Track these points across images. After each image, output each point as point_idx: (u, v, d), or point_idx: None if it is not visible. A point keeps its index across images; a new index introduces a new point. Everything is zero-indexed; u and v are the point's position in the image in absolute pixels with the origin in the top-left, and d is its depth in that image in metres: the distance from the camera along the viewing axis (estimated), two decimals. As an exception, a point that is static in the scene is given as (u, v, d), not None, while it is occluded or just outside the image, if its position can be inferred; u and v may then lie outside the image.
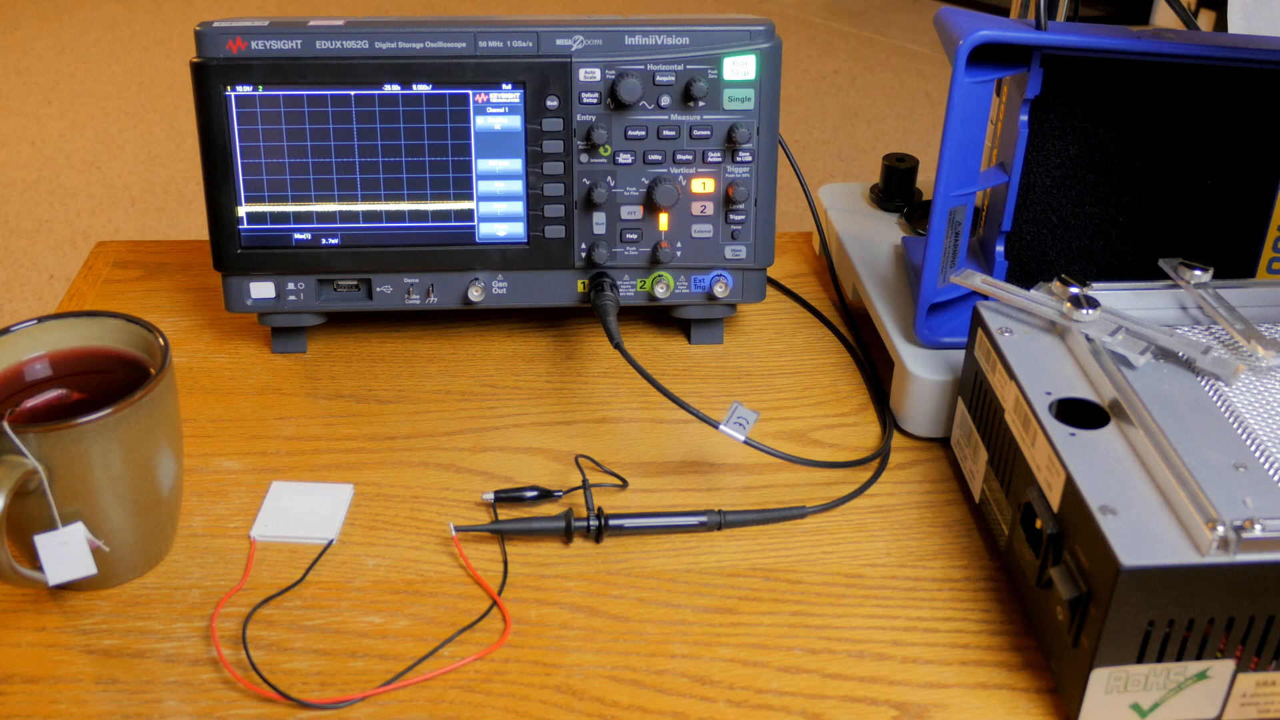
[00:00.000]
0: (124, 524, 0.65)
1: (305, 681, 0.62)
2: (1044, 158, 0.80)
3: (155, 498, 0.66)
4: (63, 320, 0.67)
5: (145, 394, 0.61)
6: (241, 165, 0.80)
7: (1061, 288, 0.71)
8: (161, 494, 0.66)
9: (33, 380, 0.67)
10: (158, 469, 0.65)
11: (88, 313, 0.68)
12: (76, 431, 0.59)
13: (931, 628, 0.66)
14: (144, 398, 0.61)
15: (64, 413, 0.62)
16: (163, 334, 0.66)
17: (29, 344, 0.67)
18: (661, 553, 0.70)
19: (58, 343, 0.67)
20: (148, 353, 0.67)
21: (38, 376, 0.67)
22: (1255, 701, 0.59)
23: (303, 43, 0.78)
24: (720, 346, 0.89)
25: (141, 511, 0.65)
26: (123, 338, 0.68)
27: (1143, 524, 0.57)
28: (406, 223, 0.82)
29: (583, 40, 0.79)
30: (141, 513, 0.65)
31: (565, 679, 0.62)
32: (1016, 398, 0.66)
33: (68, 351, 0.67)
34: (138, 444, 0.62)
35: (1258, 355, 0.68)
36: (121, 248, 0.99)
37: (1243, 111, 0.78)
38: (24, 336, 0.67)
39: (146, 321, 0.67)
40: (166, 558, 0.69)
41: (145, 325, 0.67)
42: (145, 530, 0.66)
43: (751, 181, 0.83)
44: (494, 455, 0.78)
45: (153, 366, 0.66)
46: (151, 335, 0.66)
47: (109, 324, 0.68)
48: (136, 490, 0.64)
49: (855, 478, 0.77)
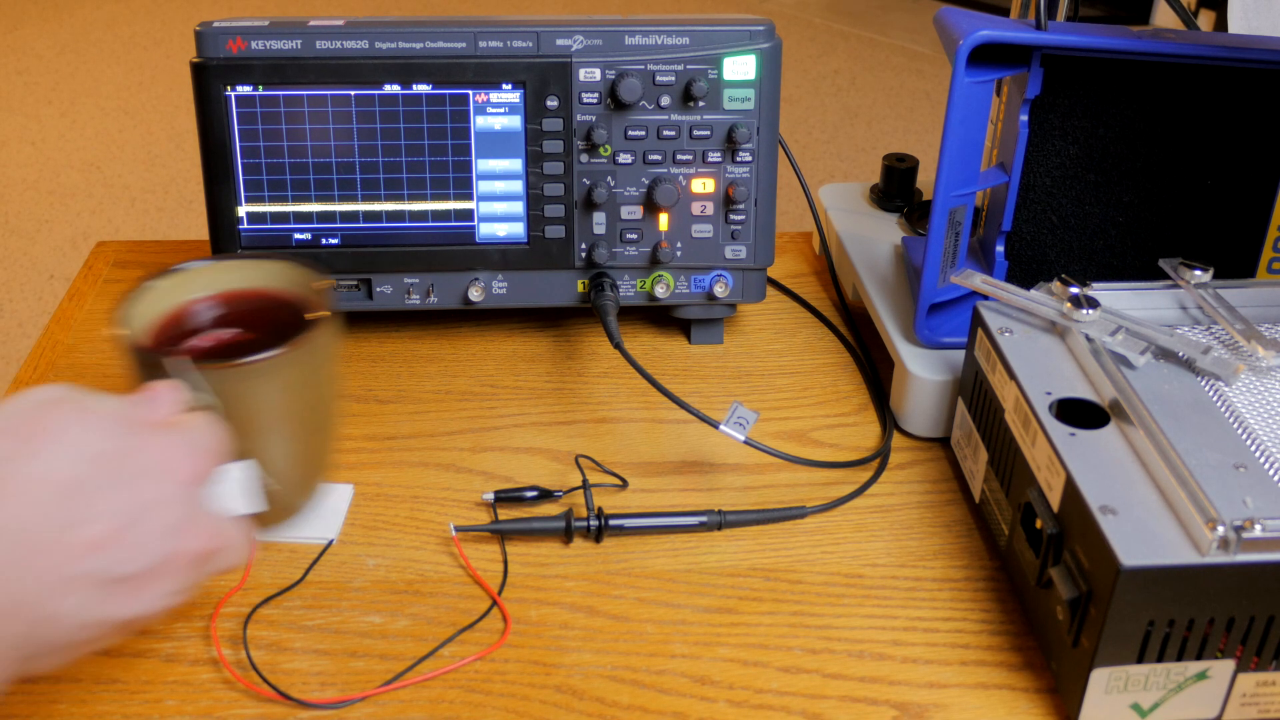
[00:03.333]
0: (287, 464, 0.64)
1: (305, 681, 0.62)
2: (1044, 158, 0.80)
3: (315, 441, 0.66)
4: (232, 261, 0.68)
5: (311, 335, 0.62)
6: (241, 165, 0.80)
7: (1061, 288, 0.71)
8: (321, 439, 0.66)
9: (201, 319, 0.67)
10: (318, 413, 0.65)
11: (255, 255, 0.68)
12: (251, 369, 0.60)
13: (931, 628, 0.66)
14: (312, 338, 0.62)
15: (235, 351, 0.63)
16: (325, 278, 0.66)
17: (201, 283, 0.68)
18: (661, 553, 0.70)
19: (227, 283, 0.68)
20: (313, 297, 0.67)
21: (206, 316, 0.68)
22: (1255, 701, 0.59)
23: (303, 43, 0.78)
24: (720, 346, 0.89)
25: (302, 453, 0.65)
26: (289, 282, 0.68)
27: (1143, 524, 0.57)
28: (406, 223, 0.82)
29: (583, 40, 0.79)
30: (302, 454, 0.65)
31: (565, 679, 0.62)
32: (1016, 398, 0.66)
33: (236, 292, 0.68)
34: (304, 385, 0.63)
35: (1258, 355, 0.68)
36: (121, 248, 0.99)
37: (1243, 111, 0.78)
38: (195, 275, 0.67)
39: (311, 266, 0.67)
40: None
41: (309, 271, 0.67)
42: (304, 473, 0.66)
43: (751, 181, 0.83)
44: (494, 455, 0.78)
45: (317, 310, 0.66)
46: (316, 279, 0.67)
47: (275, 267, 0.68)
48: (300, 431, 0.64)
49: (855, 478, 0.77)
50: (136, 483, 0.49)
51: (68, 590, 0.47)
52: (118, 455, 0.49)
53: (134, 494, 0.49)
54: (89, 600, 0.48)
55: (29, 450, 0.48)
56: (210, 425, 0.55)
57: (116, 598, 0.48)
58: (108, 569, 0.48)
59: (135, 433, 0.51)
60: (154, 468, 0.50)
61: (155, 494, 0.50)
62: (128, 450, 0.50)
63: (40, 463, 0.48)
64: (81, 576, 0.47)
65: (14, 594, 0.46)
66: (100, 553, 0.48)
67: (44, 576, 0.46)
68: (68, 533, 0.47)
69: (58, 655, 0.48)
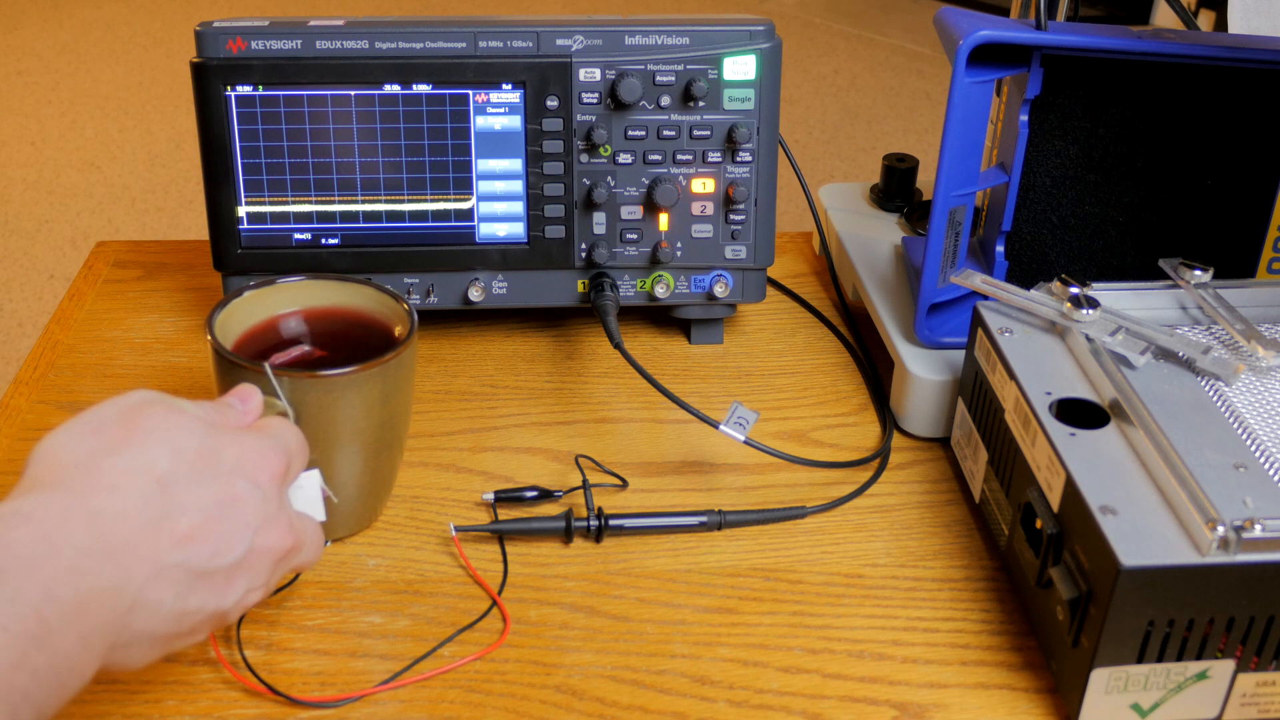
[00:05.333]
0: (352, 479, 0.67)
1: (305, 681, 0.62)
2: (1044, 158, 0.80)
3: (383, 461, 0.69)
4: (319, 281, 0.72)
5: (394, 357, 0.65)
6: (241, 165, 0.80)
7: (1061, 288, 0.71)
8: (389, 457, 0.69)
9: (287, 333, 0.71)
10: (390, 432, 0.68)
11: (343, 276, 0.72)
12: (328, 382, 0.63)
13: (931, 628, 0.66)
14: (392, 360, 0.65)
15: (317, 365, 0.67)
16: (410, 303, 0.69)
17: (289, 297, 0.71)
18: (661, 553, 0.70)
19: (314, 300, 0.72)
20: (396, 319, 0.70)
21: (292, 331, 0.71)
22: (1255, 702, 0.59)
23: (303, 43, 0.78)
24: (720, 346, 0.89)
25: (369, 470, 0.68)
26: (373, 303, 0.71)
27: (1143, 524, 0.57)
28: (406, 223, 0.82)
29: (583, 40, 0.79)
30: (369, 471, 0.68)
31: (565, 679, 0.62)
32: (1016, 398, 0.66)
33: (322, 309, 0.72)
34: (378, 404, 0.66)
35: (1258, 355, 0.68)
36: (121, 248, 0.99)
37: (1243, 111, 0.78)
38: (284, 290, 0.71)
39: (394, 291, 0.71)
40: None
41: (393, 294, 0.70)
42: (368, 489, 0.69)
43: (751, 181, 0.83)
44: (494, 455, 0.78)
45: (399, 333, 0.70)
46: (399, 304, 0.70)
47: (361, 289, 0.71)
48: (369, 448, 0.67)
49: (855, 478, 0.77)
50: (223, 479, 0.52)
51: (160, 579, 0.49)
52: (206, 453, 0.52)
53: (221, 490, 0.52)
54: (180, 591, 0.50)
55: (125, 446, 0.50)
56: (291, 429, 0.58)
57: (205, 590, 0.51)
58: (197, 561, 0.50)
59: (222, 433, 0.54)
60: (239, 466, 0.53)
61: (240, 491, 0.52)
62: (215, 448, 0.52)
63: (135, 457, 0.50)
64: (174, 567, 0.49)
65: (110, 578, 0.47)
66: (191, 544, 0.50)
67: (138, 564, 0.48)
68: (161, 523, 0.49)
69: (146, 648, 0.50)
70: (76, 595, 0.46)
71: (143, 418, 0.52)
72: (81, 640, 0.46)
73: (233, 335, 0.68)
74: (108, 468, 0.49)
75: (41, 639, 0.44)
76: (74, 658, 0.46)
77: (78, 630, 0.46)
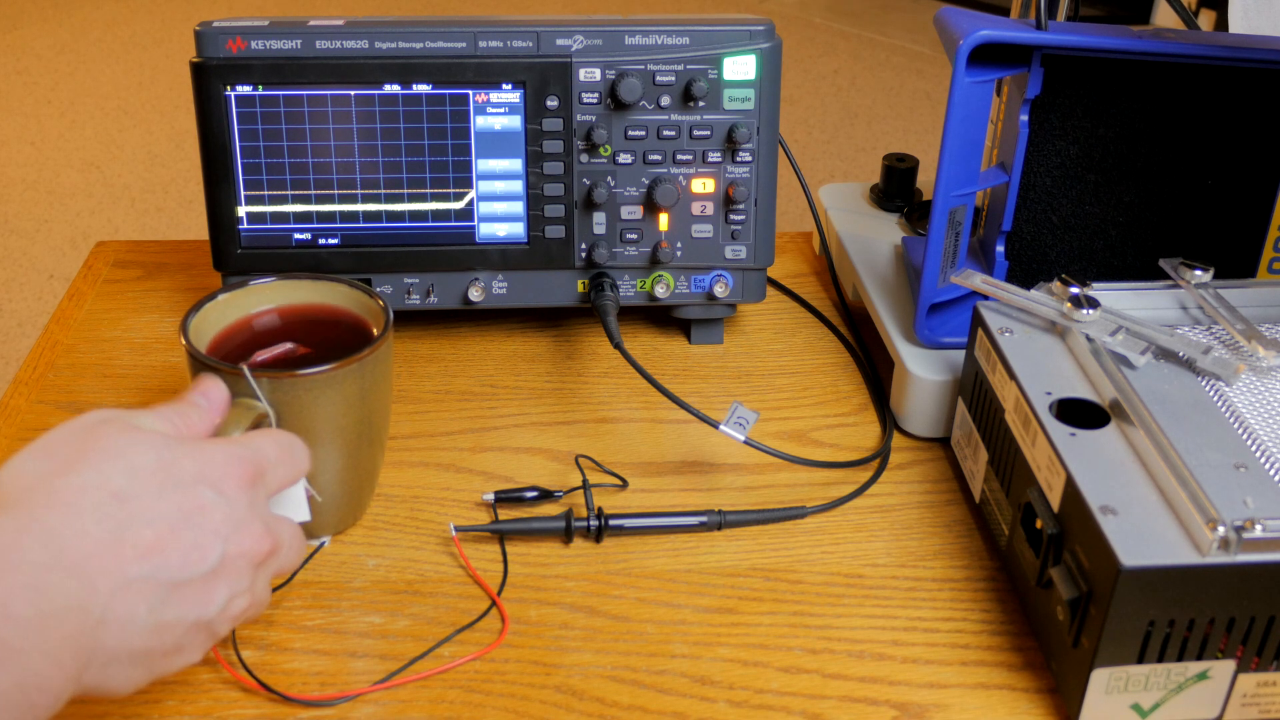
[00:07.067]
0: (335, 477, 0.67)
1: (305, 681, 0.62)
2: (1044, 158, 0.80)
3: (365, 456, 0.69)
4: (292, 281, 0.72)
5: (370, 353, 0.65)
6: (241, 165, 0.80)
7: (1061, 288, 0.71)
8: (370, 454, 0.69)
9: (262, 330, 0.71)
10: (370, 428, 0.68)
11: (316, 275, 0.72)
12: (306, 381, 0.63)
13: (931, 628, 0.66)
14: (369, 356, 0.65)
15: (294, 364, 0.66)
16: (386, 300, 0.69)
17: (263, 297, 0.71)
18: (661, 553, 0.70)
19: (287, 298, 0.72)
20: (370, 316, 0.70)
21: (266, 328, 0.71)
22: (1256, 702, 0.59)
23: (303, 43, 0.78)
24: (720, 346, 0.89)
25: (351, 467, 0.68)
26: (348, 300, 0.71)
27: (1143, 524, 0.57)
28: (406, 223, 0.82)
29: (583, 40, 0.79)
30: (351, 468, 0.68)
31: (565, 679, 0.62)
32: (1017, 398, 0.66)
33: (297, 308, 0.72)
34: (357, 400, 0.65)
35: (1258, 355, 0.68)
36: (121, 248, 0.99)
37: (1243, 111, 0.78)
38: (258, 290, 0.71)
39: (369, 287, 0.71)
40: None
41: (368, 291, 0.70)
42: (351, 486, 0.69)
43: (751, 181, 0.83)
44: (494, 455, 0.78)
45: (375, 329, 0.69)
46: (373, 300, 0.70)
47: (335, 287, 0.71)
48: (350, 445, 0.67)
49: (855, 478, 0.77)
50: (185, 489, 0.51)
51: (128, 592, 0.48)
52: (165, 465, 0.51)
53: (184, 499, 0.51)
54: (154, 604, 0.49)
55: (79, 465, 0.50)
56: (268, 438, 0.58)
57: (182, 601, 0.50)
58: (167, 572, 0.49)
59: (180, 445, 0.53)
60: (202, 475, 0.52)
61: (205, 499, 0.51)
62: (173, 460, 0.52)
63: (89, 475, 0.49)
64: (141, 579, 0.49)
65: (74, 594, 0.47)
66: (157, 555, 0.49)
67: (102, 578, 0.47)
68: (122, 535, 0.48)
69: (128, 667, 0.49)
70: (38, 613, 0.45)
71: (95, 437, 0.51)
72: (49, 658, 0.45)
73: (207, 338, 0.68)
74: (61, 486, 0.48)
75: (2, 659, 0.44)
76: (43, 676, 0.45)
77: (42, 649, 0.45)
